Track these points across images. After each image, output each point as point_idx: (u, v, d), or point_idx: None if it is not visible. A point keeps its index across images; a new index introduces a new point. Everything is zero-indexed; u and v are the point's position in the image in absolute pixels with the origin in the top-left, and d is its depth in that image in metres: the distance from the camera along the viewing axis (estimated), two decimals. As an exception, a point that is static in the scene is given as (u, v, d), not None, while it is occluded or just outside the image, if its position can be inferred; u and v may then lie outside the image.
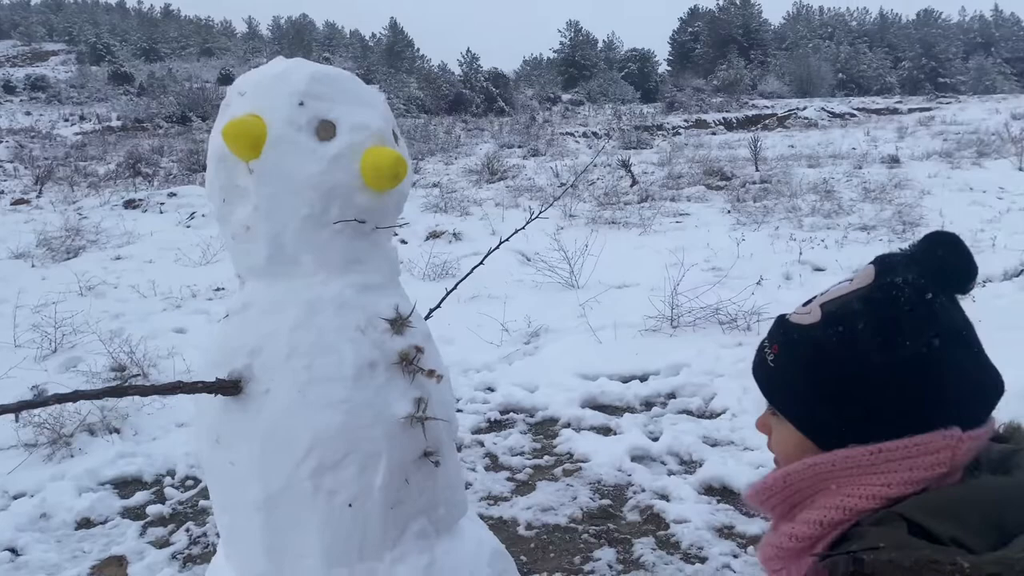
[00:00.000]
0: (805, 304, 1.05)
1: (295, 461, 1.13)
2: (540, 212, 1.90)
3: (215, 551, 3.65)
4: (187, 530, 3.79)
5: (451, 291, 1.66)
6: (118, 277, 9.04)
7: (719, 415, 4.51)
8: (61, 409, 4.73)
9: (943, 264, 0.96)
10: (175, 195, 14.05)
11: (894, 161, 15.50)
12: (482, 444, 4.33)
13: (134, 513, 3.98)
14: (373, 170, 1.17)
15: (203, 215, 12.71)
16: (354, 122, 1.19)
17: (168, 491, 4.18)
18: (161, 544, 3.70)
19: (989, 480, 0.93)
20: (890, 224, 9.50)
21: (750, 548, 3.27)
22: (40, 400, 1.00)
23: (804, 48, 57.58)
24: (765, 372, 1.06)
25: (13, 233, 10.74)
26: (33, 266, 9.56)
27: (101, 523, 3.89)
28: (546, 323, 6.15)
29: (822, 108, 34.19)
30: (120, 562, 3.57)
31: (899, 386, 0.95)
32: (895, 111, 33.41)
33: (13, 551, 3.65)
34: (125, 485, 4.25)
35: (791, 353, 1.01)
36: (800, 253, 8.32)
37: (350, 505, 1.14)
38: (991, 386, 0.98)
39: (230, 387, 1.14)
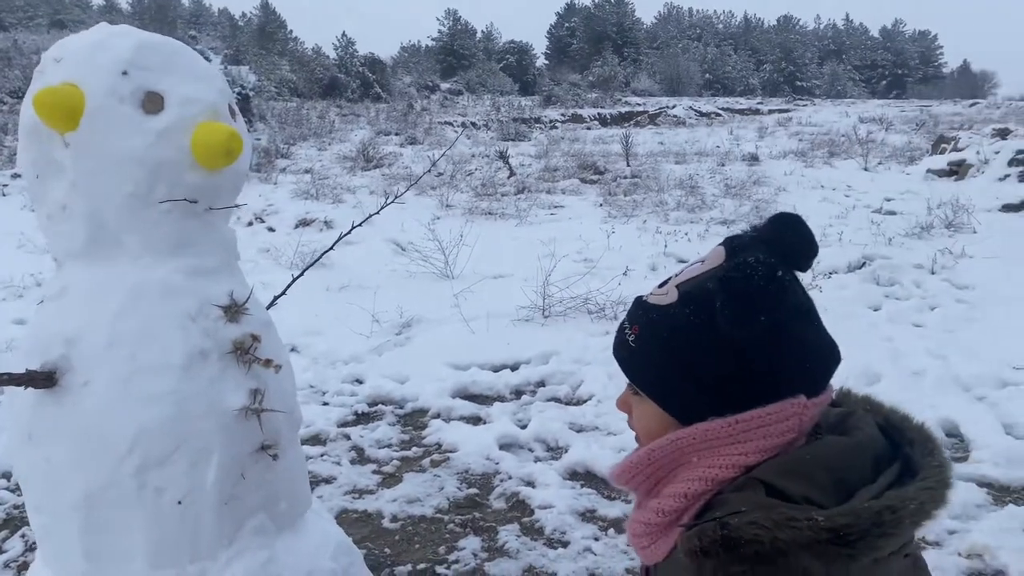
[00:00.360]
0: (661, 285, 1.10)
1: (117, 457, 1.05)
2: (396, 197, 1.86)
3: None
4: (23, 536, 3.52)
5: (296, 279, 1.59)
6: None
7: (585, 401, 4.61)
8: None
9: (788, 243, 1.02)
10: (19, 176, 13.00)
11: (754, 159, 16.35)
12: (348, 437, 4.24)
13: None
14: (204, 147, 1.10)
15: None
16: (185, 94, 1.12)
17: (2, 494, 3.87)
18: (-11, 561, 3.42)
19: (832, 441, 1.00)
20: (748, 219, 10.00)
21: (611, 531, 3.36)
22: None
23: (674, 48, 59.84)
24: (626, 352, 1.10)
25: None
26: None
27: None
28: (419, 313, 6.10)
29: (690, 107, 35.65)
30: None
31: (753, 359, 1.00)
32: (757, 111, 35.29)
33: None
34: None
35: (650, 333, 1.05)
36: (665, 245, 8.64)
37: (180, 503, 1.08)
38: (830, 356, 1.04)
39: (43, 379, 1.05)
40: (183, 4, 79.74)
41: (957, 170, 12.66)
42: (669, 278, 1.10)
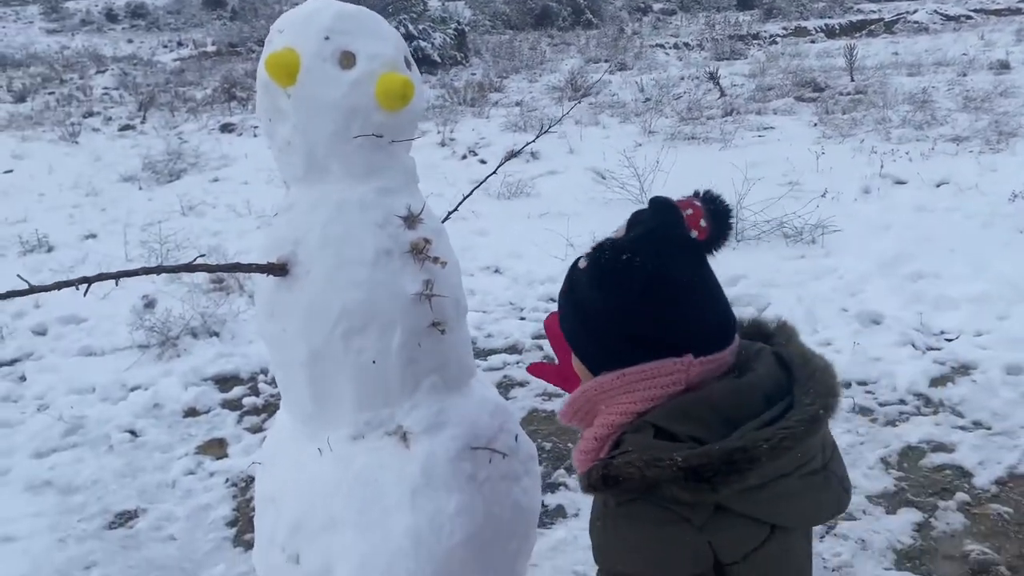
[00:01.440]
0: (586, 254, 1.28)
1: (330, 327, 1.45)
2: (546, 129, 2.09)
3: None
4: (278, 418, 4.30)
5: (466, 197, 1.87)
6: (216, 198, 9.65)
7: (770, 323, 4.66)
8: (168, 314, 5.31)
9: (653, 227, 1.18)
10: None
11: (1003, 67, 14.52)
12: (541, 348, 4.66)
13: (232, 404, 4.51)
14: (385, 93, 1.43)
15: (295, 138, 13.25)
16: (370, 52, 1.45)
17: (261, 386, 4.70)
18: (255, 430, 4.21)
19: (720, 385, 1.15)
20: (984, 135, 9.07)
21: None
22: (126, 272, 1.32)
23: (919, -56, 53.13)
24: (560, 303, 1.31)
25: (122, 158, 11.52)
26: (140, 188, 10.27)
27: (204, 412, 4.44)
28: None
29: (935, 10, 31.81)
30: (221, 444, 4.11)
31: (621, 325, 1.18)
32: (1017, 11, 30.83)
33: (132, 433, 4.25)
34: (224, 381, 4.79)
35: (571, 292, 1.26)
36: (882, 166, 8.10)
37: (374, 362, 1.46)
38: (722, 323, 1.20)
39: (279, 269, 1.46)
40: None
41: None
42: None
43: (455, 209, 1.92)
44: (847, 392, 3.80)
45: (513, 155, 2.07)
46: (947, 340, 4.15)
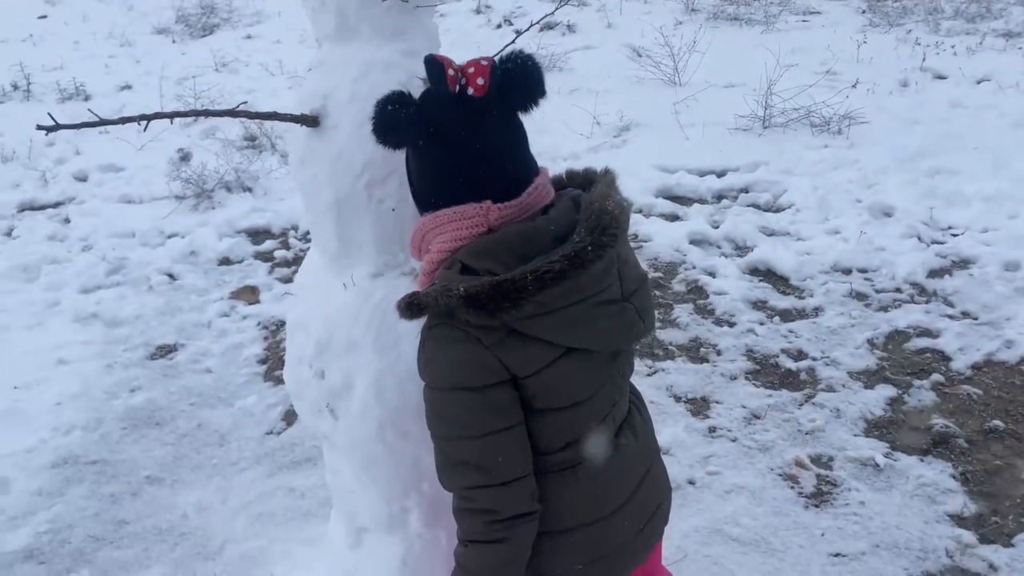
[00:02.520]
0: None
1: (355, 176, 1.62)
2: (560, 5, 2.16)
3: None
4: (306, 271, 4.56)
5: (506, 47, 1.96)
6: (249, 55, 9.66)
7: (784, 209, 4.77)
8: (203, 168, 5.52)
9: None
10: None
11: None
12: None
13: (264, 256, 4.77)
14: (411, -41, 1.55)
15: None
16: (402, -81, 1.57)
17: (292, 241, 4.94)
18: (286, 280, 4.48)
19: (516, 226, 1.33)
20: (1038, 30, 8.75)
21: (776, 318, 3.71)
22: (178, 112, 1.49)
23: None
24: None
25: (155, 8, 11.43)
26: (173, 42, 10.25)
27: (238, 262, 4.71)
28: (638, 118, 6.36)
29: None
30: (253, 291, 4.39)
31: (421, 170, 1.40)
32: None
33: (171, 276, 4.54)
34: (256, 234, 5.04)
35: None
36: (924, 59, 7.90)
37: (393, 209, 1.65)
38: (514, 173, 1.37)
39: (311, 120, 1.63)
40: None
41: None
42: None
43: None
44: (846, 278, 3.97)
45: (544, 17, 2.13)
46: (952, 235, 4.25)
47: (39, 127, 1.37)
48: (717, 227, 4.57)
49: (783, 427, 3.03)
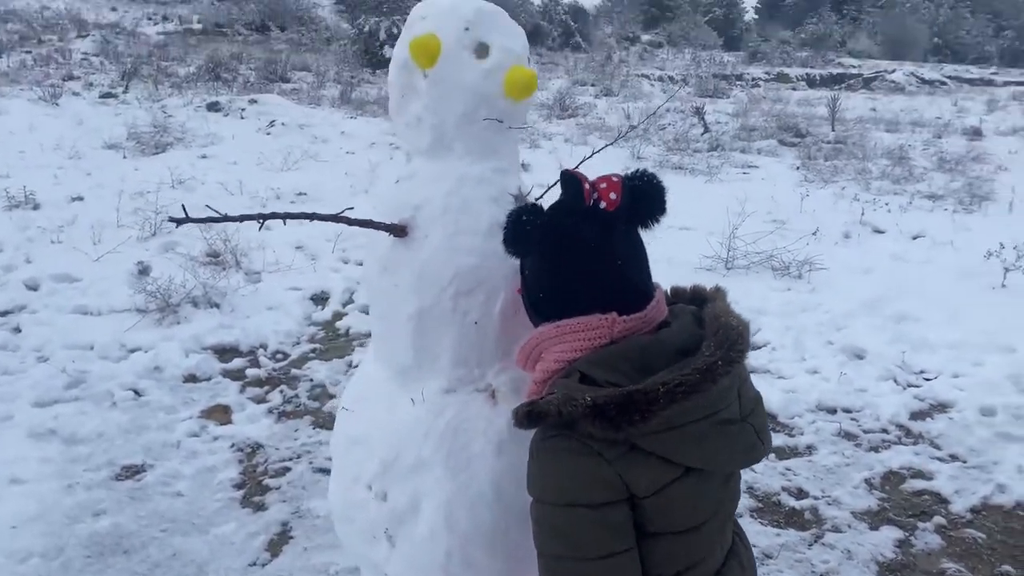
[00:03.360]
0: None
1: (441, 287, 1.58)
2: (610, 144, 2.27)
3: (306, 411, 4.21)
4: (281, 391, 4.39)
5: (552, 185, 1.99)
6: (205, 174, 9.64)
7: (760, 348, 4.89)
8: (170, 281, 5.36)
9: (563, 192, 1.36)
10: (255, 102, 14.57)
11: (976, 134, 15.19)
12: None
13: (233, 374, 4.58)
14: (513, 83, 1.58)
15: (283, 123, 13.28)
16: (503, 46, 1.61)
17: (262, 360, 4.77)
18: (259, 400, 4.29)
19: (639, 338, 1.32)
20: (958, 195, 9.52)
21: (771, 456, 3.70)
22: (283, 214, 1.44)
23: (901, 8, 54.94)
24: None
25: (106, 125, 11.41)
26: (124, 157, 10.17)
27: (205, 379, 4.50)
28: (607, 253, 6.51)
29: (912, 73, 32.96)
30: (225, 410, 4.18)
31: (539, 280, 1.39)
32: (989, 82, 32.08)
33: (136, 392, 4.29)
34: (224, 352, 4.86)
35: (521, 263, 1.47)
36: (862, 213, 8.46)
37: (476, 323, 1.60)
38: (638, 286, 1.36)
39: (400, 229, 1.60)
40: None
41: None
42: None
43: (545, 192, 2.06)
44: (832, 418, 4.03)
45: (583, 160, 2.20)
46: (926, 379, 4.42)
47: (171, 219, 1.31)
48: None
49: (796, 568, 2.96)
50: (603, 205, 1.34)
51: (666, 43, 42.20)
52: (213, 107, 14.08)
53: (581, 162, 2.99)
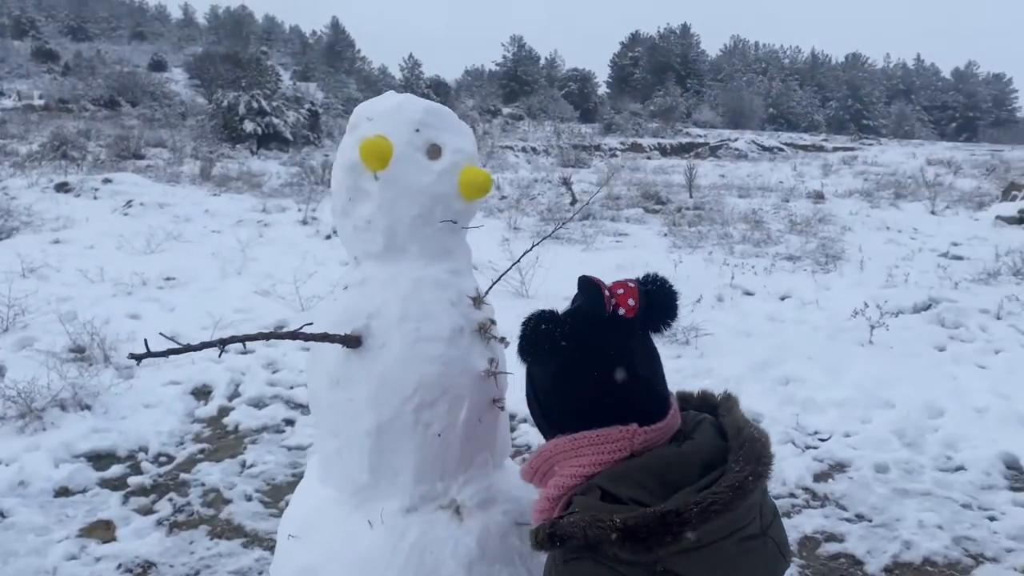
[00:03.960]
0: None
1: (403, 399, 1.48)
2: (556, 229, 2.27)
3: (200, 520, 3.90)
4: (170, 499, 4.02)
5: (499, 279, 1.93)
6: (60, 260, 9.00)
7: (662, 417, 4.96)
8: (32, 384, 4.88)
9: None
10: (110, 181, 13.90)
11: (819, 197, 16.48)
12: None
13: (112, 484, 4.17)
14: (469, 184, 1.54)
15: (141, 204, 12.67)
16: (455, 146, 1.57)
17: (144, 465, 4.38)
18: (145, 512, 3.91)
19: (660, 452, 1.27)
20: (814, 256, 10.20)
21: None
22: (241, 337, 1.30)
23: (738, 81, 59.80)
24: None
25: (-63, 211, 10.50)
26: (-37, 244, 9.36)
27: (80, 492, 4.07)
28: (502, 328, 6.51)
29: (752, 140, 35.70)
30: (108, 526, 3.78)
31: (556, 393, 1.31)
32: (821, 148, 35.15)
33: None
34: (100, 459, 4.43)
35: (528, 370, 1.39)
36: (732, 277, 8.89)
37: (439, 435, 1.50)
38: (660, 394, 1.32)
39: (354, 340, 1.49)
40: (257, 21, 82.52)
41: (1024, 218, 12.67)
42: None
43: (488, 290, 1.99)
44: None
45: (528, 250, 2.18)
46: (821, 440, 4.60)
47: (131, 356, 1.16)
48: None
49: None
50: (622, 312, 1.30)
51: (526, 115, 43.80)
52: (62, 187, 13.28)
53: (509, 268, 2.98)
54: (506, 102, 50.36)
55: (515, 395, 5.15)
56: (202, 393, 5.42)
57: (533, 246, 2.33)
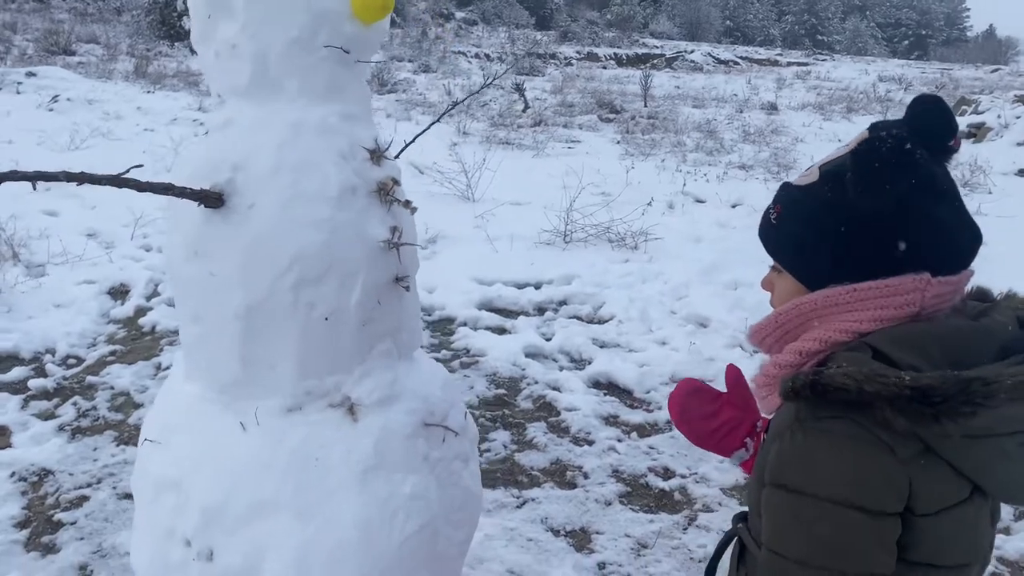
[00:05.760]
0: (807, 169, 1.16)
1: (278, 273, 1.18)
2: (439, 118, 1.95)
3: (107, 425, 3.61)
4: (74, 403, 3.72)
5: (413, 140, 1.63)
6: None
7: (607, 321, 4.77)
8: (-76, 281, 4.45)
9: (924, 120, 1.06)
10: (34, 75, 13.01)
11: (773, 108, 16.26)
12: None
13: (12, 387, 3.84)
14: (363, 0, 1.21)
15: (68, 99, 11.87)
16: (346, -49, 1.23)
17: (49, 367, 4.06)
18: (47, 416, 3.61)
19: (955, 321, 1.05)
20: (766, 165, 10.03)
21: (633, 434, 3.55)
22: (31, 174, 0.97)
23: (696, -8, 58.40)
24: (768, 231, 1.17)
25: None
26: None
27: (-24, 396, 3.74)
28: (443, 230, 6.21)
29: (708, 53, 35.14)
30: (3, 431, 3.47)
31: (879, 229, 1.05)
32: (775, 63, 34.79)
33: None
34: (1, 360, 4.09)
35: (792, 210, 1.13)
36: (684, 184, 8.69)
37: (326, 319, 1.21)
38: (968, 239, 1.08)
39: (214, 198, 1.17)
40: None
41: (976, 133, 12.63)
42: (815, 162, 1.16)
43: (408, 144, 1.67)
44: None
45: (411, 142, 1.88)
46: (769, 343, 4.46)
47: None
48: (550, 339, 4.43)
49: (674, 555, 2.79)
50: (951, 143, 1.07)
51: (480, 21, 42.26)
52: (-21, 80, 12.32)
53: (413, 140, 2.62)
54: (460, 6, 48.45)
55: (456, 298, 4.92)
56: (119, 292, 5.05)
57: (431, 124, 1.99)
